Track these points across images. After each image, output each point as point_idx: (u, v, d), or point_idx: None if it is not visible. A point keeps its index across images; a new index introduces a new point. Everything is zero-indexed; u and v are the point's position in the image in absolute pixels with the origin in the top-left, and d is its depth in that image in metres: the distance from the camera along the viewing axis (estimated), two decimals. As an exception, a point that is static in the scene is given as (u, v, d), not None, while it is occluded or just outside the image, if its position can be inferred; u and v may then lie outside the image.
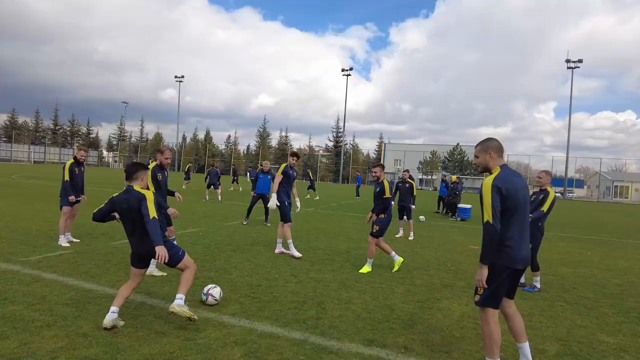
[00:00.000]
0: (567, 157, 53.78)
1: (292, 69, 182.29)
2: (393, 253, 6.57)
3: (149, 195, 3.71)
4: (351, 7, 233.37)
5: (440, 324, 4.30)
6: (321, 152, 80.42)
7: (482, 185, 3.00)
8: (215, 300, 4.40)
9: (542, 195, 6.43)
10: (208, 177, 17.76)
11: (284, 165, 7.39)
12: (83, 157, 7.54)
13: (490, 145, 3.15)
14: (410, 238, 10.11)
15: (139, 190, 3.74)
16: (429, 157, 65.35)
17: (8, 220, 9.16)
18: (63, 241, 7.02)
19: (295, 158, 7.55)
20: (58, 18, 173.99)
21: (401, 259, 6.65)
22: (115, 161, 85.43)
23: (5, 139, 75.09)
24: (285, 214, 7.24)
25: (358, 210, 17.32)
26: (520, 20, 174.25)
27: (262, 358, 3.26)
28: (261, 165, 11.81)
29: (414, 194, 10.56)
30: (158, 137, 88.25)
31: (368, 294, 5.23)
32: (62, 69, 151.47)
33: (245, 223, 10.91)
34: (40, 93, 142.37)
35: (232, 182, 26.04)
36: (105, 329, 3.54)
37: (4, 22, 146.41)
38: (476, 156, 3.25)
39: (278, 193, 7.09)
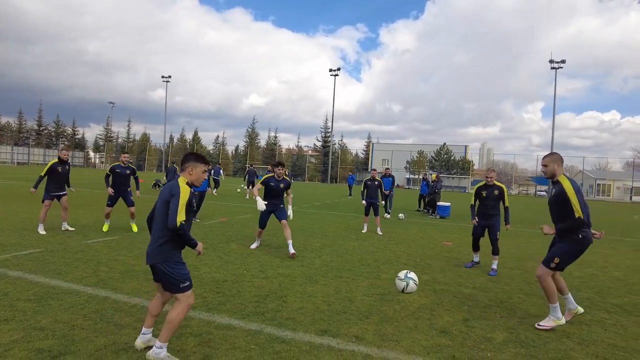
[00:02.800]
0: (550, 156, 54.67)
1: (283, 69, 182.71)
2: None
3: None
4: (342, 8, 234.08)
5: (397, 315, 4.45)
6: (310, 152, 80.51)
7: (564, 189, 4.14)
8: (416, 284, 4.94)
9: (496, 191, 6.72)
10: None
11: (266, 176, 7.39)
12: (66, 156, 8.42)
13: (558, 158, 4.32)
14: (380, 233, 10.37)
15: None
16: (416, 157, 65.87)
17: (-19, 220, 9.10)
18: (41, 229, 7.94)
19: (281, 168, 7.25)
20: (47, 18, 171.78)
21: None
22: (102, 162, 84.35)
23: (-13, 140, 73.67)
24: (260, 219, 7.50)
25: (341, 209, 17.45)
26: (508, 21, 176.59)
27: (215, 347, 3.37)
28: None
29: (383, 191, 11.00)
30: (145, 138, 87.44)
31: (332, 287, 5.36)
32: (50, 69, 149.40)
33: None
34: (26, 94, 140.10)
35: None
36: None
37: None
38: (545, 165, 4.33)
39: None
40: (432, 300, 5.06)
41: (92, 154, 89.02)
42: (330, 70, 60.27)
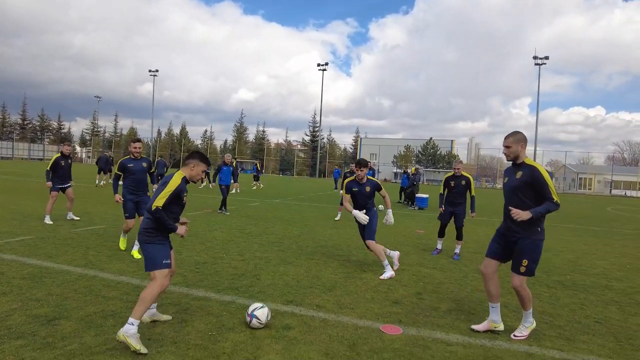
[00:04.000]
0: (534, 151, 55.91)
1: (273, 63, 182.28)
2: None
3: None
4: (332, 2, 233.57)
5: (357, 289, 4.99)
6: (299, 146, 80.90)
7: (538, 172, 3.56)
8: (260, 323, 3.57)
9: (464, 181, 7.27)
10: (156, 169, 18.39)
11: (347, 180, 6.05)
12: (68, 151, 8.93)
13: (522, 138, 3.71)
14: (337, 218, 11.75)
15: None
16: (403, 152, 66.73)
17: (-29, 211, 9.41)
18: (48, 219, 8.38)
19: (360, 168, 5.81)
20: (31, 11, 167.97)
21: None
22: (89, 157, 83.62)
23: (-30, 134, 72.54)
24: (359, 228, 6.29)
25: (324, 202, 17.99)
26: (497, 18, 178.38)
27: (191, 313, 3.86)
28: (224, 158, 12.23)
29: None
30: (133, 132, 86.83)
31: (303, 267, 5.88)
32: (34, 63, 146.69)
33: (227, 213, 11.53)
34: (9, 88, 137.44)
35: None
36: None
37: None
38: (507, 146, 3.73)
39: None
40: (392, 278, 5.60)
41: (78, 149, 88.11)
42: (318, 65, 60.61)
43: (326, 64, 60.27)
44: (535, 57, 53.75)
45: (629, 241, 10.43)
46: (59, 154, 8.84)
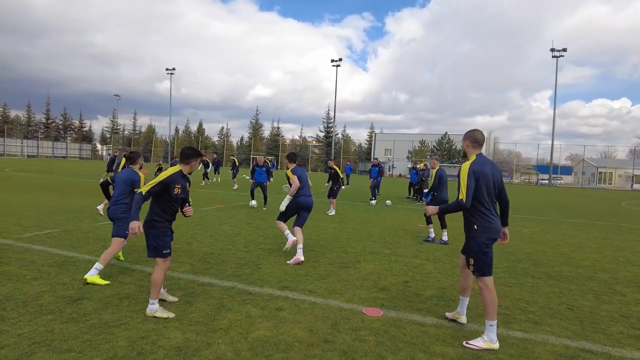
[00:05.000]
0: (552, 145, 55.03)
1: (289, 59, 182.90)
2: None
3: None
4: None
5: (349, 278, 5.42)
6: (313, 142, 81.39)
7: (460, 169, 3.60)
8: None
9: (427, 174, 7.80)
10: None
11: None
12: (116, 152, 9.57)
13: (467, 136, 3.75)
14: (332, 213, 11.90)
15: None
16: (418, 147, 66.47)
17: (1, 206, 10.19)
18: (100, 208, 9.24)
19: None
20: (53, 11, 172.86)
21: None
22: (109, 154, 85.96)
23: (-2, 133, 75.47)
24: None
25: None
26: (516, 8, 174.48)
27: (195, 296, 4.37)
28: (255, 160, 13.57)
29: (341, 177, 13.09)
30: (151, 130, 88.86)
31: (303, 258, 6.34)
32: (57, 62, 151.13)
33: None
34: (34, 87, 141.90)
35: (215, 173, 27.10)
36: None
37: (1, 16, 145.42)
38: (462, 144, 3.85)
39: None
40: (385, 268, 6.02)
41: (99, 146, 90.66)
42: (332, 60, 60.79)
43: (340, 59, 60.41)
44: (552, 50, 52.78)
45: (631, 235, 10.54)
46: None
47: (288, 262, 5.99)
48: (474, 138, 3.72)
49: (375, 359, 3.21)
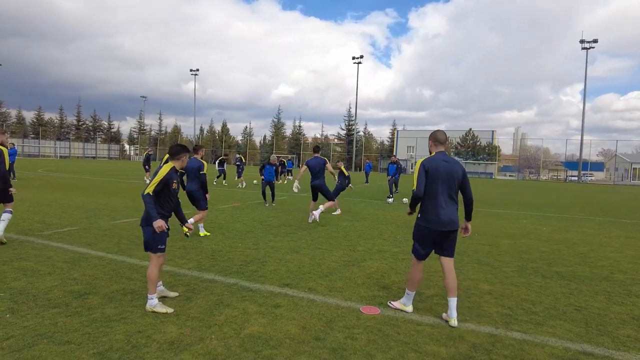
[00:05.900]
0: (581, 140, 53.04)
1: (312, 58, 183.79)
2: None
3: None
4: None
5: (352, 276, 5.42)
6: (335, 140, 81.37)
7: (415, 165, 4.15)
8: None
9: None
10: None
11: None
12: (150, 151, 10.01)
13: (430, 136, 4.30)
14: (337, 213, 11.48)
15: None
16: (441, 143, 65.44)
17: (29, 205, 10.68)
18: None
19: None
20: (81, 17, 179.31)
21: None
22: (137, 154, 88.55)
23: (33, 136, 78.99)
24: None
25: (351, 195, 18.37)
26: (543, 0, 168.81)
27: (197, 292, 4.49)
28: (268, 159, 13.69)
29: (347, 175, 12.78)
30: (176, 130, 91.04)
31: (308, 256, 6.39)
32: (86, 65, 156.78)
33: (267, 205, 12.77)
34: (65, 90, 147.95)
35: (238, 177, 27.57)
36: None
37: (36, 23, 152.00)
38: None
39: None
40: (390, 266, 5.99)
41: (127, 147, 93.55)
42: (353, 58, 60.54)
43: (361, 56, 60.08)
44: (582, 41, 50.75)
45: (658, 234, 10.06)
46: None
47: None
48: (435, 138, 4.25)
49: (364, 357, 3.21)
